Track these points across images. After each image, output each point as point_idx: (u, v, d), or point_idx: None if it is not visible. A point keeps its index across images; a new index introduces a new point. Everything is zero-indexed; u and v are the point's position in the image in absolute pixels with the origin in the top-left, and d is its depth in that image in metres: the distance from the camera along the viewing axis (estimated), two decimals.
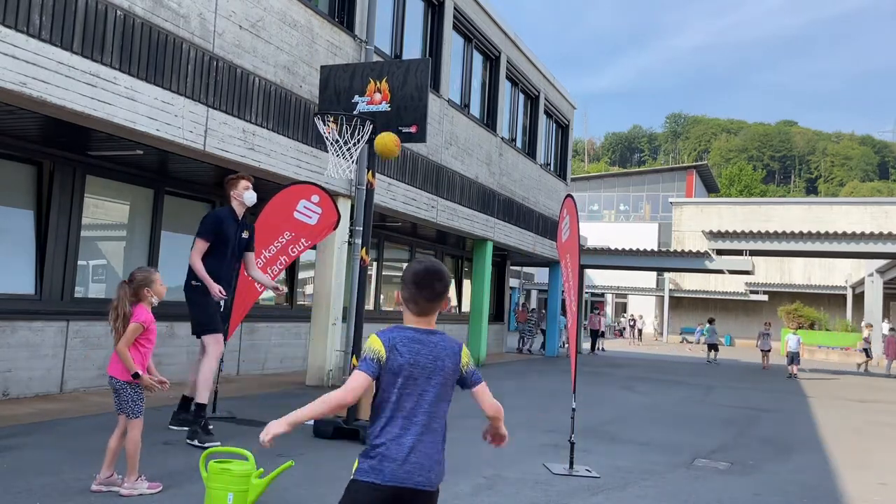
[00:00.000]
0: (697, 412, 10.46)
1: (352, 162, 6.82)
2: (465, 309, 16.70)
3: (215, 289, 5.92)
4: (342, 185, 10.13)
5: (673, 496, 5.29)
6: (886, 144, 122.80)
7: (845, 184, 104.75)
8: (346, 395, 2.37)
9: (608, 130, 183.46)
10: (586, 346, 24.79)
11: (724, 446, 7.61)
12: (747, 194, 77.87)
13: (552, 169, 20.98)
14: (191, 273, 6.12)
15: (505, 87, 16.69)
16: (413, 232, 15.30)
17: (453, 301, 18.61)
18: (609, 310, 48.15)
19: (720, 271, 22.24)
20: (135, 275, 4.49)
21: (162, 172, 9.47)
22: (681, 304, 43.57)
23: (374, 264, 14.86)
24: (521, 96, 18.37)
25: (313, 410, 2.38)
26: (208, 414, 6.95)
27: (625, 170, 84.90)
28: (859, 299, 33.53)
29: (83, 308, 8.32)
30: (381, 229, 14.43)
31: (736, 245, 20.65)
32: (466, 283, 18.65)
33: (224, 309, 6.47)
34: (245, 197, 6.31)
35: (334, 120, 6.74)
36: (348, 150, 6.72)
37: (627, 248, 23.24)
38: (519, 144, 18.06)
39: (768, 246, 20.41)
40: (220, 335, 6.16)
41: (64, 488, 4.38)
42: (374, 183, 6.93)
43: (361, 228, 8.61)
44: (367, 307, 8.81)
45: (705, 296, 42.30)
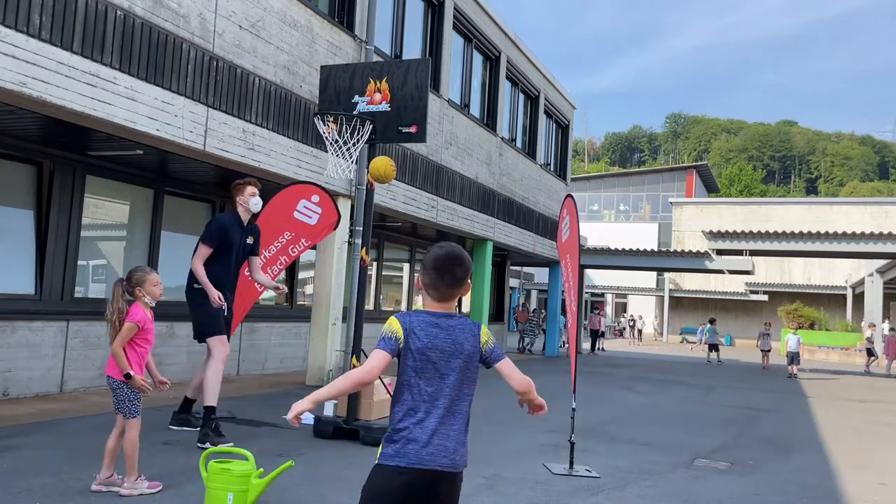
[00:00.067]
0: (697, 412, 10.46)
1: (352, 162, 6.81)
2: (466, 309, 16.70)
3: (214, 295, 5.88)
4: (342, 185, 10.13)
5: (673, 496, 5.30)
6: (886, 144, 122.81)
7: (845, 184, 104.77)
8: (368, 373, 2.39)
9: (608, 130, 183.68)
10: (586, 346, 24.80)
11: (724, 446, 7.61)
12: (747, 194, 77.87)
13: (552, 169, 20.98)
14: (193, 276, 6.10)
15: (505, 87, 16.69)
16: (413, 232, 15.30)
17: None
18: (609, 310, 48.15)
19: (720, 271, 22.24)
20: (131, 274, 4.50)
21: (162, 172, 9.48)
22: (681, 304, 43.57)
23: (374, 264, 14.86)
24: (521, 96, 18.37)
25: (335, 388, 2.41)
26: None
27: (625, 170, 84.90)
28: (859, 299, 33.53)
29: (83, 308, 8.32)
30: (381, 229, 14.43)
31: (736, 245, 20.65)
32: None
33: (227, 312, 6.43)
34: (251, 204, 6.28)
35: (334, 120, 6.73)
36: (348, 150, 6.72)
37: (627, 248, 23.24)
38: (519, 144, 18.05)
39: (768, 246, 20.41)
40: (224, 336, 6.13)
41: (64, 488, 4.38)
42: (374, 183, 6.94)
43: (361, 228, 8.61)
44: (367, 307, 8.81)
45: (705, 296, 42.31)
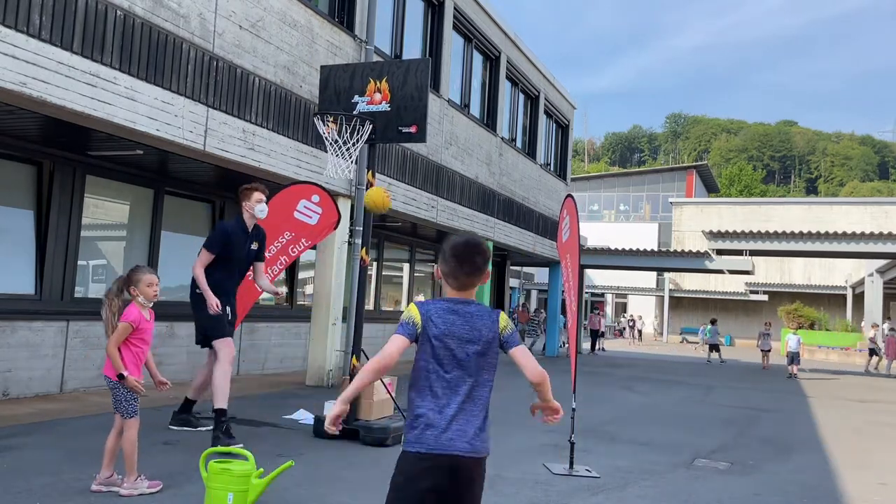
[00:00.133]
0: (697, 412, 10.46)
1: (351, 162, 6.82)
2: None
3: (212, 303, 5.86)
4: (342, 185, 10.13)
5: (673, 496, 5.30)
6: (886, 144, 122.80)
7: (845, 184, 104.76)
8: (387, 357, 2.40)
9: (608, 130, 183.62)
10: (586, 346, 24.80)
11: (724, 446, 7.61)
12: (747, 194, 77.87)
13: (552, 169, 20.98)
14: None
15: (505, 87, 16.69)
16: (413, 232, 15.30)
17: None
18: (609, 310, 48.16)
19: (720, 271, 22.24)
20: (130, 272, 4.50)
21: (162, 172, 9.48)
22: (681, 304, 43.58)
23: (374, 264, 14.86)
24: (521, 96, 18.36)
25: (360, 382, 2.44)
26: (208, 414, 6.96)
27: (625, 170, 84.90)
28: (859, 299, 33.53)
29: (83, 308, 8.31)
30: (381, 229, 14.43)
31: (736, 245, 20.65)
32: None
33: (231, 317, 6.41)
34: (256, 210, 6.24)
35: (334, 120, 6.73)
36: (348, 150, 6.72)
37: (627, 248, 23.24)
38: (519, 144, 18.05)
39: (768, 246, 20.41)
40: (229, 339, 6.11)
41: (64, 488, 4.38)
42: (374, 183, 6.94)
43: (361, 228, 8.61)
44: (367, 307, 8.81)
45: (705, 296, 42.32)
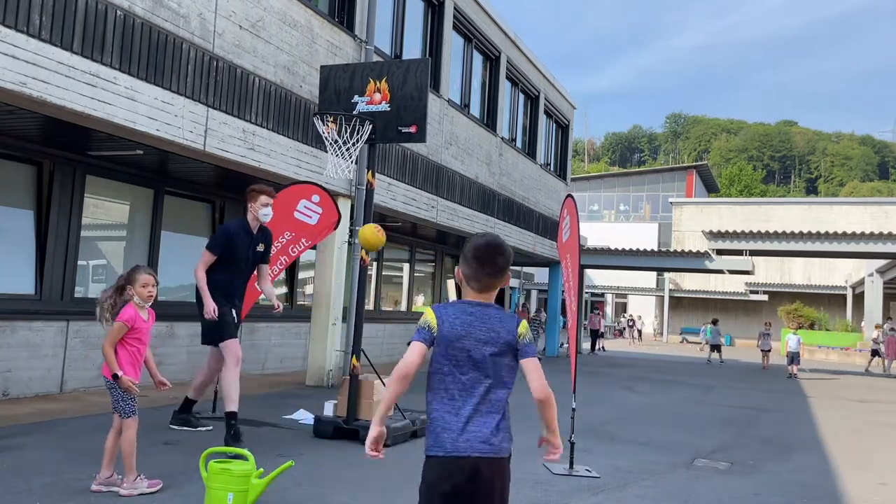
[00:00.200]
0: (697, 412, 10.46)
1: (351, 162, 6.81)
2: None
3: (210, 308, 5.85)
4: (342, 185, 10.13)
5: (673, 496, 5.30)
6: (886, 144, 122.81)
7: (845, 184, 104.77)
8: (408, 365, 2.37)
9: (608, 130, 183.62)
10: (586, 346, 24.80)
11: (724, 446, 7.61)
12: (747, 194, 77.88)
13: (552, 169, 20.98)
14: None
15: (505, 87, 16.69)
16: (413, 232, 15.30)
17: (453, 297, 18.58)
18: (609, 310, 48.15)
19: (720, 271, 22.25)
20: (129, 271, 4.50)
21: (162, 172, 9.48)
22: (681, 304, 43.58)
23: (374, 264, 14.86)
24: (521, 96, 18.36)
25: (388, 397, 2.40)
26: (208, 414, 6.97)
27: (625, 170, 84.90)
28: (859, 299, 33.54)
29: (83, 308, 8.30)
30: None
31: (736, 245, 20.66)
32: None
33: (237, 319, 6.39)
34: (260, 214, 6.22)
35: (334, 120, 6.73)
36: (348, 150, 6.72)
37: (627, 248, 23.24)
38: (519, 144, 18.05)
39: (768, 246, 20.41)
40: (236, 340, 6.10)
41: (64, 488, 4.38)
42: (374, 183, 6.94)
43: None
44: (367, 307, 8.81)
45: (705, 296, 42.32)
